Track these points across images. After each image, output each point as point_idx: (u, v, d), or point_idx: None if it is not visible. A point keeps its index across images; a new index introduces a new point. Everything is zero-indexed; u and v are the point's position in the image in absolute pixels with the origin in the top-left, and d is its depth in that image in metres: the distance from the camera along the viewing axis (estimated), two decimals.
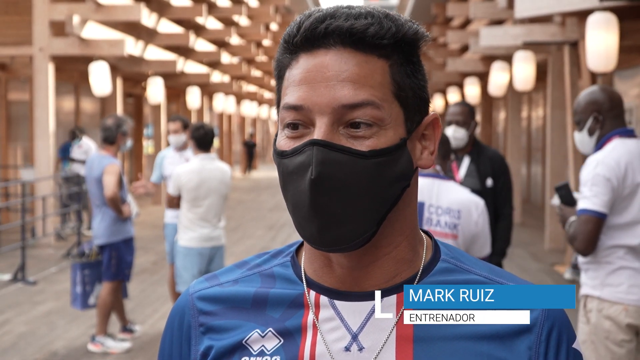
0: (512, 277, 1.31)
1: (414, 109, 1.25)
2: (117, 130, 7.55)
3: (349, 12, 1.21)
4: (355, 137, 1.19)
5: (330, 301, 1.27)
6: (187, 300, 1.35)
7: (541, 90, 19.50)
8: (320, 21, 1.20)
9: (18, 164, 17.16)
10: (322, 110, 1.19)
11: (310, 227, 1.20)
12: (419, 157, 1.28)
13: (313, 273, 1.30)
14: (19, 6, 14.70)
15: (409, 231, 1.28)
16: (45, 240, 14.19)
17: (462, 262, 1.31)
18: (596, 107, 4.22)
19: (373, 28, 1.20)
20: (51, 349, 7.68)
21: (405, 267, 1.27)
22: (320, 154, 1.17)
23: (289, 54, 1.25)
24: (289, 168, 1.21)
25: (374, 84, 1.20)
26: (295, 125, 1.22)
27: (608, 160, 4.11)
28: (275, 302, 1.29)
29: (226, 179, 7.34)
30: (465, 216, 4.04)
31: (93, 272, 7.58)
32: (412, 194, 1.28)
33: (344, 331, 1.25)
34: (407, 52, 1.24)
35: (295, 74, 1.22)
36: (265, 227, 17.35)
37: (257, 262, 1.36)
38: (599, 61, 9.22)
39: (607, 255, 4.12)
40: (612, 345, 4.12)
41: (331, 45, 1.20)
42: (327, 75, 1.19)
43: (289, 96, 1.22)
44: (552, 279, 11.24)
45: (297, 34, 1.22)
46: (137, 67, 17.77)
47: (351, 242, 1.20)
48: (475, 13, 15.23)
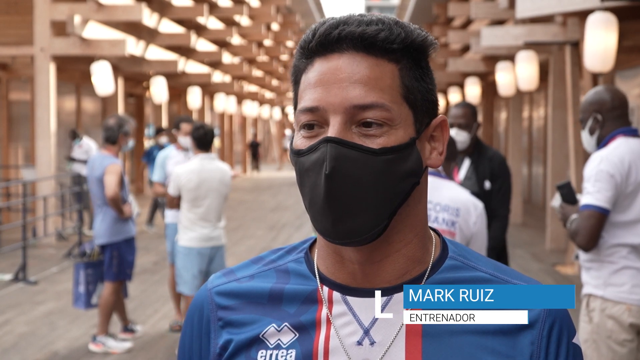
0: (517, 274, 1.36)
1: (423, 111, 1.31)
2: (119, 131, 7.56)
3: (361, 19, 1.29)
4: (367, 136, 1.26)
5: (343, 297, 1.32)
6: (206, 295, 1.40)
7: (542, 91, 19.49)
8: (334, 27, 1.28)
9: (19, 164, 17.16)
10: (336, 109, 1.26)
11: (324, 220, 1.26)
12: (428, 156, 1.34)
13: (326, 269, 1.35)
14: (20, 6, 14.71)
15: (419, 228, 1.34)
16: (46, 240, 14.20)
17: (468, 260, 1.37)
18: (597, 107, 4.25)
19: (383, 33, 1.27)
20: (52, 349, 7.68)
21: (415, 265, 1.33)
22: (333, 150, 1.24)
23: (305, 59, 1.32)
24: (305, 165, 1.27)
25: (384, 87, 1.27)
26: (311, 126, 1.28)
27: (612, 157, 4.12)
28: (291, 297, 1.35)
29: (226, 179, 7.33)
30: (464, 215, 4.05)
31: (95, 272, 7.58)
32: (422, 191, 1.34)
33: (356, 326, 1.30)
34: (415, 57, 1.31)
35: (311, 77, 1.29)
36: (266, 227, 17.35)
37: (272, 258, 1.42)
38: (597, 61, 9.21)
39: (610, 254, 4.13)
40: (614, 344, 4.12)
41: (344, 50, 1.28)
42: (340, 77, 1.27)
43: (305, 99, 1.29)
44: (553, 279, 11.23)
45: (312, 40, 1.29)
46: (138, 67, 17.78)
47: (363, 235, 1.26)
48: (477, 13, 15.23)
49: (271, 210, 20.84)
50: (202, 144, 7.25)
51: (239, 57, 27.44)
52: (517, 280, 1.34)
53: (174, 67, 18.27)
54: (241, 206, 21.79)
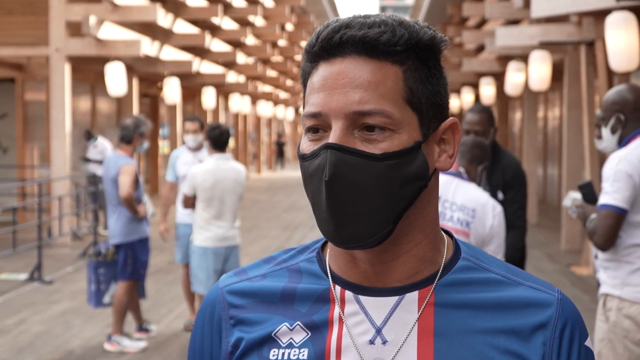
0: (529, 277, 1.36)
1: (429, 114, 1.29)
2: (134, 131, 7.58)
3: (364, 22, 1.27)
4: (370, 140, 1.25)
5: (355, 296, 1.32)
6: (218, 294, 1.40)
7: (557, 90, 19.43)
8: (336, 31, 1.27)
9: (34, 164, 17.24)
10: (337, 115, 1.25)
11: (328, 225, 1.26)
12: (437, 159, 1.32)
13: (338, 268, 1.35)
14: (35, 7, 14.77)
15: (429, 229, 1.33)
16: (62, 239, 14.26)
17: (481, 261, 1.36)
18: (620, 107, 4.23)
19: (386, 36, 1.25)
20: (67, 348, 7.71)
21: (427, 265, 1.32)
22: (333, 156, 1.23)
23: (310, 63, 1.31)
24: (309, 170, 1.27)
25: (385, 91, 1.25)
26: (316, 129, 1.28)
27: (631, 157, 4.11)
28: (303, 296, 1.35)
29: (241, 179, 7.35)
30: (480, 216, 4.03)
31: (108, 271, 7.60)
32: (431, 194, 1.33)
33: (368, 325, 1.30)
34: (422, 58, 1.29)
35: (315, 82, 1.29)
36: (280, 227, 17.36)
37: (284, 257, 1.42)
38: (622, 61, 9.12)
39: (627, 254, 4.12)
40: (630, 344, 4.11)
41: (347, 54, 1.26)
42: (342, 82, 1.25)
43: (309, 104, 1.29)
44: (568, 279, 11.19)
45: (316, 44, 1.29)
46: (152, 67, 17.82)
47: (367, 240, 1.25)
48: (491, 13, 15.19)
49: (285, 210, 20.85)
50: (218, 144, 7.26)
51: (253, 57, 27.46)
52: (530, 282, 1.33)
53: (189, 67, 18.31)
54: (255, 206, 21.81)
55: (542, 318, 1.29)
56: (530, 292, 1.31)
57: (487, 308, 1.30)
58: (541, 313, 1.30)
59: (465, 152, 4.40)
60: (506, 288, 1.32)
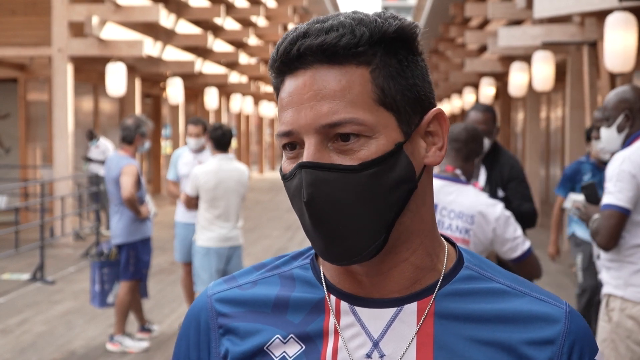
0: (536, 287, 1.29)
1: (407, 110, 1.21)
2: (135, 131, 7.58)
3: (321, 27, 1.19)
4: (345, 151, 1.17)
5: (351, 307, 1.25)
6: (205, 302, 1.33)
7: (560, 91, 19.41)
8: (293, 43, 1.19)
9: (37, 164, 17.25)
10: (307, 131, 1.18)
11: (318, 244, 1.20)
12: (425, 155, 1.24)
13: (332, 277, 1.28)
14: (38, 7, 14.78)
15: (425, 232, 1.26)
16: (64, 240, 14.26)
17: (485, 270, 1.29)
18: (627, 105, 4.23)
19: (345, 39, 1.17)
20: (69, 349, 7.71)
21: (426, 273, 1.26)
22: (308, 176, 1.16)
23: (275, 79, 1.25)
24: (291, 191, 1.21)
25: (354, 97, 1.17)
26: (293, 145, 1.21)
27: (635, 157, 4.10)
28: (296, 306, 1.28)
29: (244, 179, 7.34)
30: (480, 222, 3.89)
31: (112, 271, 7.61)
32: (424, 193, 1.25)
33: (365, 338, 1.24)
34: (391, 52, 1.20)
35: (283, 98, 1.22)
36: (282, 227, 17.36)
37: (276, 263, 1.35)
38: (617, 61, 9.15)
39: (630, 254, 4.11)
40: (633, 344, 4.11)
41: (308, 64, 1.19)
42: (307, 96, 1.18)
43: (280, 123, 1.23)
44: (571, 280, 11.18)
45: (277, 59, 1.22)
46: (155, 67, 17.84)
47: (361, 254, 1.19)
48: (494, 13, 15.18)
49: (287, 211, 20.84)
50: (220, 145, 7.26)
51: (255, 57, 27.48)
52: (536, 293, 1.27)
53: (191, 67, 18.31)
54: (258, 206, 21.81)
55: (550, 333, 1.23)
56: (536, 304, 1.25)
57: (490, 320, 1.23)
58: (549, 327, 1.23)
59: (460, 149, 4.11)
60: (511, 299, 1.25)
